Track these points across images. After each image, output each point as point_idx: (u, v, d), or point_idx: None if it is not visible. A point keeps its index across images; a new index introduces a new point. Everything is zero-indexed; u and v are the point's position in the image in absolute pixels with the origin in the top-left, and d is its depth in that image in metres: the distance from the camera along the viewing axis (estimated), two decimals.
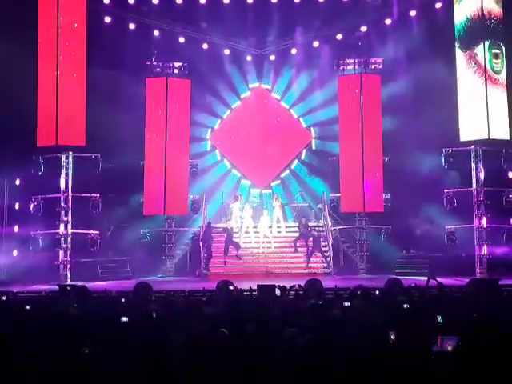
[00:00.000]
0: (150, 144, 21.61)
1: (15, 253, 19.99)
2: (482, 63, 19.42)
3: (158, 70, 21.94)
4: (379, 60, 21.81)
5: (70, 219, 20.49)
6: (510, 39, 19.60)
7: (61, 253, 20.27)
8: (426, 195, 20.66)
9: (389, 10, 22.30)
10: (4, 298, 11.26)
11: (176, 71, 22.09)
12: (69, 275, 20.06)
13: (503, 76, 19.68)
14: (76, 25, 19.70)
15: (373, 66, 21.89)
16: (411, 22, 22.20)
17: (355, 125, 21.54)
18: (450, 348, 5.59)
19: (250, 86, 25.69)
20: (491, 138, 19.34)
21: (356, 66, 21.94)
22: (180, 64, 22.00)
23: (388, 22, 22.46)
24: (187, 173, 22.01)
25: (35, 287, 17.06)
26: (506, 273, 17.80)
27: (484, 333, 5.62)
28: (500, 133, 19.53)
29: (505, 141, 19.61)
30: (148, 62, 21.72)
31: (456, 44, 20.10)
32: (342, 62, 22.08)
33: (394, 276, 16.46)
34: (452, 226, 20.20)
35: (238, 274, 19.45)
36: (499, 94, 19.56)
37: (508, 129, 19.63)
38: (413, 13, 22.03)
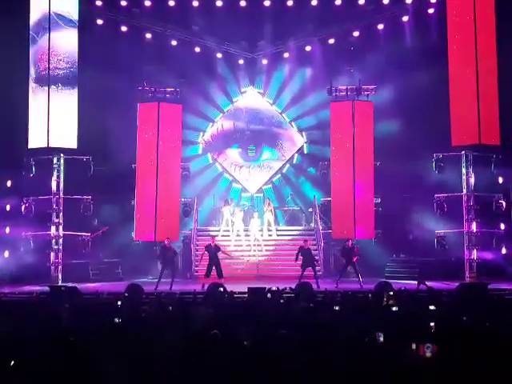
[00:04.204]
0: (142, 165, 21.07)
1: (6, 254, 19.94)
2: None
3: (150, 95, 21.50)
4: (371, 87, 21.47)
5: (61, 221, 20.48)
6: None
7: (52, 254, 20.24)
8: (416, 200, 20.74)
9: (382, 15, 22.48)
10: None
11: (168, 96, 21.68)
12: (60, 277, 20.05)
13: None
14: (68, 27, 19.69)
15: (365, 93, 21.47)
16: (404, 27, 22.37)
17: (347, 149, 20.97)
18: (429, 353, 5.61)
19: (242, 89, 25.75)
20: (482, 143, 19.35)
21: (349, 93, 21.45)
22: (172, 89, 21.65)
23: (380, 26, 22.65)
24: (178, 197, 21.49)
25: (26, 288, 17.04)
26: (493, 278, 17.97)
27: (472, 338, 5.71)
28: (491, 138, 19.53)
29: (495, 146, 19.65)
30: (140, 87, 21.35)
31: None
32: (334, 88, 21.67)
33: (384, 280, 16.51)
34: (442, 231, 20.25)
35: (229, 276, 19.44)
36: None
37: (499, 134, 19.66)
38: (405, 18, 22.20)
